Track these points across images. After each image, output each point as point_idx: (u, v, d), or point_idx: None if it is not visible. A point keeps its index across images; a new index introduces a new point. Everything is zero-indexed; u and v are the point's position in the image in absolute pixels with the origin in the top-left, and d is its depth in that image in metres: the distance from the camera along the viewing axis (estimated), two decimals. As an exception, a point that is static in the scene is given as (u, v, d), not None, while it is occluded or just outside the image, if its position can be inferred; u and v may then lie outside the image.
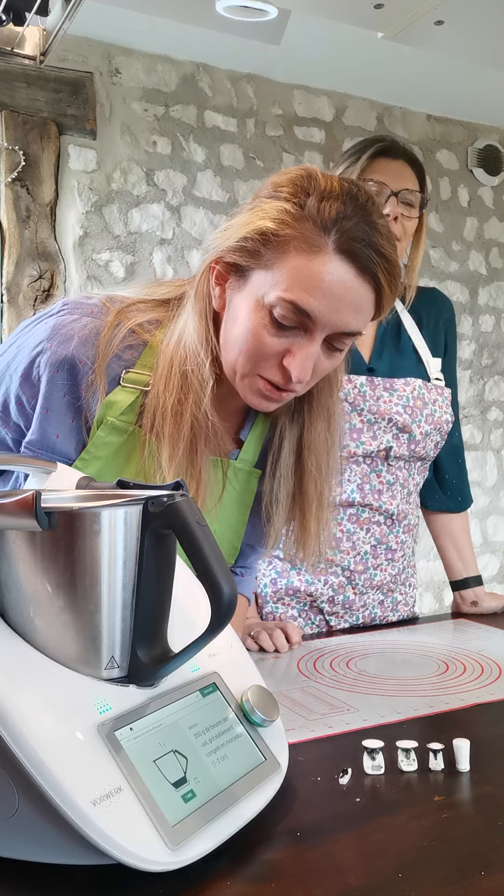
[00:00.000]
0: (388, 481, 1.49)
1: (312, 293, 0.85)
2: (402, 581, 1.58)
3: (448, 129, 3.64)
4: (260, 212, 0.88)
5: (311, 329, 0.88)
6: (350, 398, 1.45)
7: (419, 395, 1.49)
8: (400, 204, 1.45)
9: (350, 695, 1.07)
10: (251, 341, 0.89)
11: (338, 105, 3.37)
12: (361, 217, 0.86)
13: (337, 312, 0.87)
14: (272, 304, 0.87)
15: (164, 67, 3.00)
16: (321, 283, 0.85)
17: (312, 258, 0.85)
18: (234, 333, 0.92)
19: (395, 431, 1.47)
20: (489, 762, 0.85)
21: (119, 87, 2.92)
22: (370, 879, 0.63)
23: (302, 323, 0.88)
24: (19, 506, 0.65)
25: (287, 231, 0.86)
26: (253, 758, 0.75)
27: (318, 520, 1.03)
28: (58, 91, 2.80)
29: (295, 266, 0.85)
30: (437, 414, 1.51)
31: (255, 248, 0.88)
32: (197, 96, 3.07)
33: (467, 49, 2.14)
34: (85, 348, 0.93)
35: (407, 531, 1.55)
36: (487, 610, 1.62)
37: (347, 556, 1.49)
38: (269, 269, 0.87)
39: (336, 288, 0.85)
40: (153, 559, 0.70)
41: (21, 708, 0.62)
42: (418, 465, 1.55)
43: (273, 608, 1.52)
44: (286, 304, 0.86)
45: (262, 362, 0.90)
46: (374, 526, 1.50)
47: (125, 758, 0.64)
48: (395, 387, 1.48)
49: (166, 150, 3.00)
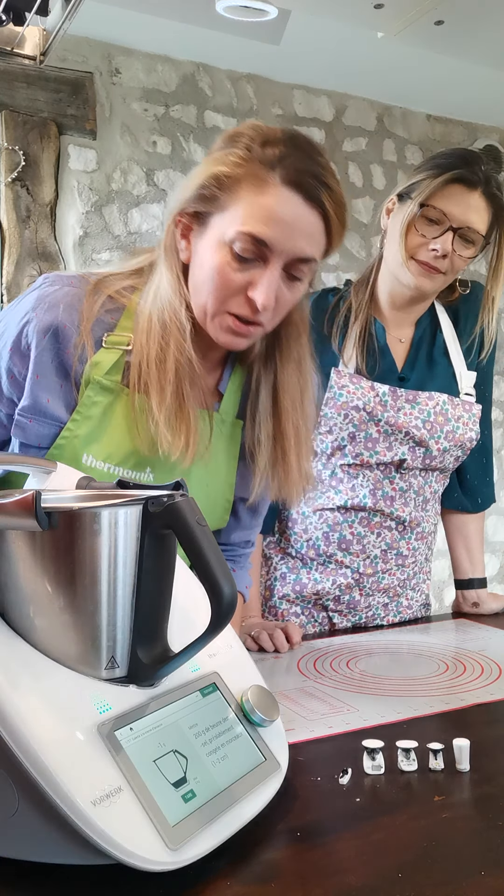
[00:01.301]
0: (402, 488, 1.47)
1: (267, 223, 0.94)
2: (411, 586, 1.56)
3: (448, 129, 3.64)
4: (213, 161, 0.98)
5: (269, 258, 0.96)
6: (369, 407, 1.41)
7: (442, 411, 1.45)
8: (457, 240, 1.36)
9: (350, 695, 1.08)
10: (217, 279, 0.97)
11: (338, 105, 3.37)
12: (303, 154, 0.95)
13: (291, 239, 0.95)
14: (232, 239, 0.95)
15: (164, 67, 3.00)
16: (273, 213, 0.94)
17: (263, 192, 0.94)
18: (201, 277, 0.99)
19: (411, 445, 1.44)
20: (489, 762, 0.85)
21: (119, 87, 2.92)
22: (370, 879, 0.64)
23: (260, 253, 0.96)
24: (19, 506, 0.65)
25: (238, 171, 0.95)
26: (253, 758, 0.75)
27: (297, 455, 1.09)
28: (58, 91, 2.80)
29: (248, 202, 0.94)
30: (460, 431, 1.47)
31: (211, 194, 0.97)
32: (197, 96, 3.07)
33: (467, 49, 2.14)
34: (69, 314, 0.99)
35: (420, 538, 1.53)
36: (488, 611, 1.62)
37: (357, 559, 1.48)
38: (226, 209, 0.96)
39: (287, 216, 0.94)
40: (153, 559, 0.70)
41: (21, 708, 0.62)
42: (436, 474, 1.52)
43: (277, 603, 1.53)
44: (244, 236, 0.95)
45: (229, 298, 0.98)
46: (386, 531, 1.48)
47: (125, 758, 0.64)
48: (418, 399, 1.44)
49: (166, 150, 3.00)
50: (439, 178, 1.34)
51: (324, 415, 1.42)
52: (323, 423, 1.43)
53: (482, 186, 1.36)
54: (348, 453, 1.43)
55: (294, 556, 1.52)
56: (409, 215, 1.36)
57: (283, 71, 3.16)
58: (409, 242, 1.38)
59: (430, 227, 1.36)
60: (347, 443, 1.43)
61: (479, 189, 1.35)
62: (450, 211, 1.34)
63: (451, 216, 1.35)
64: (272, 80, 3.21)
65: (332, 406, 1.42)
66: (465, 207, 1.35)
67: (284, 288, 0.98)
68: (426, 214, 1.36)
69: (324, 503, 1.48)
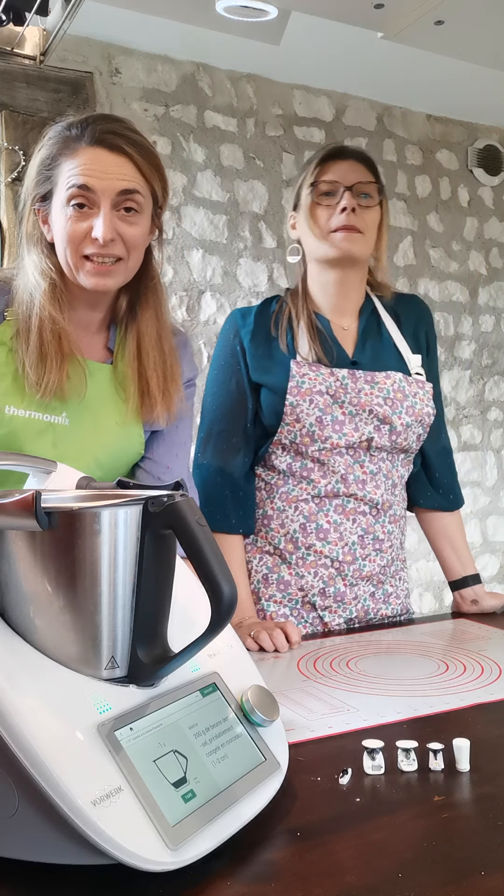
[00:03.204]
0: (372, 471, 1.52)
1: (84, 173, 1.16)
2: (391, 573, 1.58)
3: (448, 129, 3.65)
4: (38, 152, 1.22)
5: (97, 200, 1.17)
6: (332, 391, 1.49)
7: (399, 388, 1.53)
8: (356, 196, 1.50)
9: (350, 695, 1.08)
10: (66, 233, 1.18)
11: (338, 105, 3.37)
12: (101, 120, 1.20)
13: (105, 179, 1.16)
14: (67, 197, 1.17)
15: (164, 67, 3.01)
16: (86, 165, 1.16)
17: (77, 155, 1.17)
18: (58, 240, 1.20)
19: (376, 423, 1.50)
20: (489, 762, 0.85)
21: (119, 87, 2.92)
22: (370, 879, 0.64)
23: (89, 199, 1.17)
24: (19, 506, 0.65)
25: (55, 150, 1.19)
26: (253, 758, 0.75)
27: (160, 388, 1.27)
28: (58, 91, 2.80)
29: (69, 167, 1.17)
30: (418, 406, 1.54)
31: (46, 175, 1.20)
32: (197, 96, 3.07)
33: (467, 49, 2.14)
34: None
35: (393, 521, 1.57)
36: (488, 608, 1.62)
37: (335, 547, 1.51)
38: (58, 181, 1.19)
39: (98, 164, 1.17)
40: (153, 559, 0.70)
41: (21, 708, 0.62)
42: (401, 457, 1.57)
43: (265, 606, 1.53)
44: (72, 188, 1.16)
45: (79, 245, 1.18)
46: (360, 516, 1.52)
47: (125, 758, 0.64)
48: (375, 380, 1.52)
49: (166, 150, 3.00)
50: (315, 162, 1.54)
51: (289, 403, 1.49)
52: (289, 413, 1.49)
53: (353, 155, 1.55)
54: (318, 439, 1.49)
55: (273, 552, 1.54)
56: (308, 201, 1.53)
57: (283, 71, 3.16)
58: (320, 219, 1.52)
59: (329, 198, 1.52)
60: (316, 427, 1.48)
61: (351, 157, 1.54)
62: (337, 177, 1.51)
63: (341, 179, 1.51)
64: (272, 80, 3.21)
65: (297, 394, 1.49)
66: (347, 171, 1.52)
67: (124, 224, 1.18)
68: (321, 191, 1.52)
69: (298, 494, 1.52)
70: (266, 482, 1.57)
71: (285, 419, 1.49)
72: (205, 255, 3.09)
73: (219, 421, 1.56)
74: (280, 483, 1.54)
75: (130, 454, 1.31)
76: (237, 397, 1.55)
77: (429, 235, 3.60)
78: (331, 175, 1.51)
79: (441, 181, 3.63)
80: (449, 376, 3.66)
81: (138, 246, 1.22)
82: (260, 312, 1.60)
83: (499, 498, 3.82)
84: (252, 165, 3.18)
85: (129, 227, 1.19)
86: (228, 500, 1.53)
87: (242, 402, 1.55)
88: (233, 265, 3.15)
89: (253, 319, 1.58)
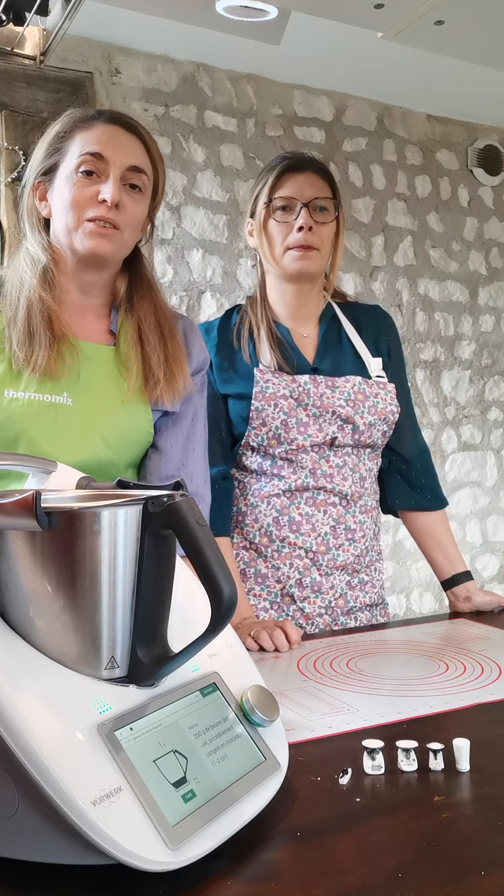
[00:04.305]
0: (338, 465, 1.56)
1: (98, 143, 1.22)
2: (367, 563, 1.61)
3: (448, 129, 3.65)
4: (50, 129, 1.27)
5: (107, 169, 1.21)
6: (295, 395, 1.53)
7: (360, 390, 1.56)
8: (314, 212, 1.51)
9: (350, 695, 1.08)
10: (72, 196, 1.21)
11: (338, 105, 3.37)
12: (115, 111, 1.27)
13: (119, 151, 1.22)
14: (77, 164, 1.21)
15: (164, 67, 3.01)
16: (101, 136, 1.23)
17: (94, 129, 1.23)
18: (60, 206, 1.24)
19: (339, 423, 1.54)
20: (489, 762, 0.85)
21: (119, 87, 2.92)
22: (370, 879, 0.64)
23: (99, 167, 1.21)
24: (19, 506, 0.65)
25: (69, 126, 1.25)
26: (253, 758, 0.75)
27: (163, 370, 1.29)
28: (58, 91, 2.80)
29: (83, 138, 1.23)
30: (381, 405, 1.57)
31: (57, 147, 1.25)
32: (197, 96, 3.07)
33: (467, 49, 2.14)
34: None
35: (365, 512, 1.60)
36: (481, 605, 1.62)
37: (308, 538, 1.54)
38: (68, 152, 1.23)
39: (111, 139, 1.23)
40: (153, 559, 0.70)
41: (21, 708, 0.62)
42: (367, 451, 1.61)
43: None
44: (84, 156, 1.21)
45: (84, 208, 1.21)
46: (331, 507, 1.55)
47: (125, 758, 0.64)
48: (336, 384, 1.55)
49: (166, 150, 3.00)
50: (272, 175, 1.54)
51: (255, 409, 1.53)
52: (255, 417, 1.53)
53: (310, 167, 1.54)
54: (284, 441, 1.53)
55: (249, 547, 1.57)
56: (263, 215, 1.54)
57: (283, 71, 3.16)
58: (275, 236, 1.53)
59: (285, 213, 1.53)
60: (282, 430, 1.52)
61: (308, 170, 1.54)
62: (293, 193, 1.52)
63: (298, 195, 1.52)
64: (272, 80, 3.21)
65: (262, 399, 1.53)
66: (304, 185, 1.52)
67: (128, 198, 1.23)
68: (277, 206, 1.53)
69: (269, 490, 1.56)
70: (239, 481, 1.60)
71: (251, 423, 1.53)
72: (205, 255, 3.09)
73: None
74: (252, 481, 1.58)
75: (137, 434, 1.31)
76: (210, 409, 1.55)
77: (429, 235, 3.60)
78: (287, 190, 1.51)
79: (441, 181, 3.63)
80: (449, 376, 3.66)
81: (135, 223, 1.26)
82: (222, 325, 1.63)
83: (499, 498, 3.82)
84: (252, 165, 3.18)
85: (132, 203, 1.24)
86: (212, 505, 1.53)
87: (215, 412, 1.57)
88: (233, 265, 3.15)
89: (216, 333, 1.62)
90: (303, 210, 1.50)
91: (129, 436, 1.29)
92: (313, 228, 1.50)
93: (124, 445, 1.28)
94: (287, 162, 1.54)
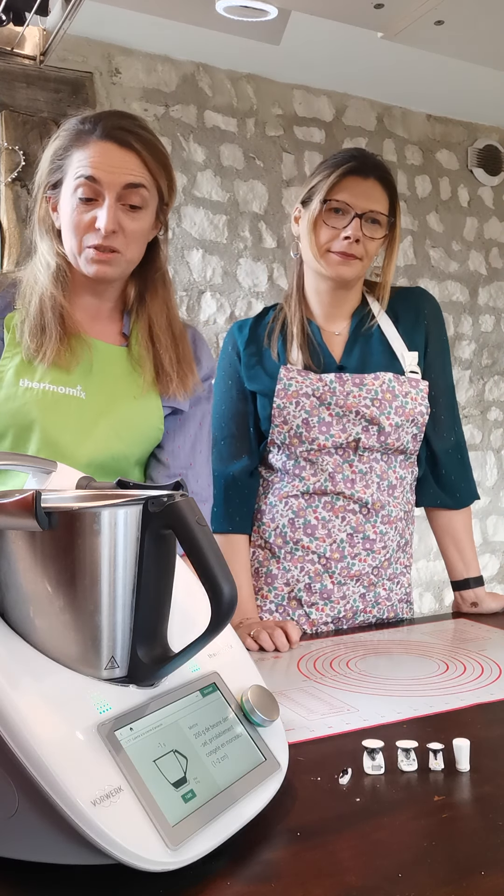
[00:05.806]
0: (361, 471, 1.51)
1: (92, 166, 1.21)
2: (387, 576, 1.57)
3: (448, 129, 3.65)
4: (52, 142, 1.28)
5: (103, 192, 1.21)
6: (318, 393, 1.50)
7: (389, 388, 1.51)
8: (366, 224, 1.47)
9: (350, 695, 1.08)
10: (72, 222, 1.23)
11: (338, 105, 3.37)
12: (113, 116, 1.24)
13: (113, 173, 1.21)
14: (75, 186, 1.22)
15: (164, 67, 3.00)
16: (96, 157, 1.21)
17: (87, 147, 1.22)
18: (65, 229, 1.26)
19: (364, 424, 1.50)
20: (489, 762, 0.85)
21: (119, 87, 2.92)
22: (370, 879, 0.64)
23: (95, 191, 1.21)
24: (19, 506, 0.65)
25: (68, 141, 1.24)
26: (253, 758, 0.75)
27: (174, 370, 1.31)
28: (58, 91, 2.79)
29: (79, 158, 1.22)
30: (409, 406, 1.52)
31: (58, 164, 1.25)
32: (197, 96, 3.07)
33: (467, 49, 2.14)
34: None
35: (387, 523, 1.54)
36: (488, 610, 1.62)
37: (323, 544, 1.51)
38: (68, 171, 1.24)
39: (106, 158, 1.21)
40: (153, 559, 0.70)
41: (21, 708, 0.62)
42: (399, 458, 1.56)
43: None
44: (80, 179, 1.21)
45: (83, 235, 1.23)
46: (350, 514, 1.51)
47: (125, 758, 0.64)
48: (364, 382, 1.51)
49: (166, 150, 3.00)
50: (335, 173, 1.47)
51: (277, 406, 1.51)
52: (277, 415, 1.52)
53: (375, 174, 1.49)
54: (305, 440, 1.50)
55: (264, 546, 1.56)
56: (315, 213, 1.49)
57: (283, 71, 3.16)
58: (322, 237, 1.49)
59: (337, 218, 1.48)
60: (303, 429, 1.50)
61: (372, 176, 1.48)
62: (351, 200, 1.47)
63: (354, 205, 1.47)
64: (272, 80, 3.21)
65: (284, 396, 1.51)
66: (363, 195, 1.47)
67: (127, 218, 1.23)
68: (331, 208, 1.48)
69: (288, 491, 1.54)
70: (264, 478, 1.59)
71: (274, 421, 1.52)
72: (205, 255, 3.09)
73: (224, 427, 1.59)
74: (276, 480, 1.57)
75: (149, 427, 1.32)
76: (238, 405, 1.59)
77: (429, 235, 3.60)
78: (345, 195, 1.46)
79: (441, 181, 3.63)
80: (449, 376, 3.66)
81: (138, 240, 1.26)
82: (255, 323, 1.63)
83: (499, 498, 3.82)
84: (252, 165, 3.18)
85: (131, 222, 1.23)
86: (234, 500, 1.56)
87: (244, 408, 1.58)
88: (233, 265, 3.15)
89: (248, 331, 1.61)
90: (355, 220, 1.46)
91: (140, 429, 1.31)
92: (360, 240, 1.47)
93: (136, 439, 1.30)
94: (353, 163, 1.48)
